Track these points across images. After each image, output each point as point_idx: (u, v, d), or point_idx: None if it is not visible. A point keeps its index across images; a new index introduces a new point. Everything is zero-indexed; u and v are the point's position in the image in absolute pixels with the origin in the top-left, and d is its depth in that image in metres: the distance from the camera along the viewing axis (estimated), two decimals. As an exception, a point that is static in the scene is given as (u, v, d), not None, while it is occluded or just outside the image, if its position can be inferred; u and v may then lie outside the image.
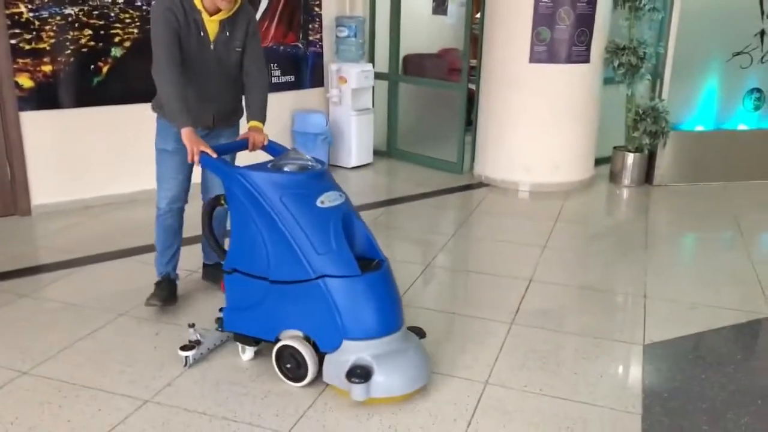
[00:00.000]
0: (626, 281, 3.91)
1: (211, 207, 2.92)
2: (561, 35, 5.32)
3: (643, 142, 5.66)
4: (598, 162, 6.01)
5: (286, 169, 2.71)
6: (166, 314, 3.32)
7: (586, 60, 5.46)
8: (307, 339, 2.68)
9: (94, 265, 3.96)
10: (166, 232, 3.30)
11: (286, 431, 2.45)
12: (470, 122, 6.20)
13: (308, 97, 6.15)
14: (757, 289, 3.76)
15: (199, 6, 2.90)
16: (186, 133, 2.82)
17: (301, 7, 5.90)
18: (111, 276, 3.83)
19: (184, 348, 2.83)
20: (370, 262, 2.69)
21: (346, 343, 2.54)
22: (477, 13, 8.66)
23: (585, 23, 5.35)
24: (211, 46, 2.99)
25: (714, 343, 3.24)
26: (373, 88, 6.31)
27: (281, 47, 5.81)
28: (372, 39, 6.49)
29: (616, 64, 5.55)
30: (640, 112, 5.63)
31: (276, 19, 5.70)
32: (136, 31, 4.88)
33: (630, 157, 5.78)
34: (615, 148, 5.92)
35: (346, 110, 6.13)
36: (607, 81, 5.78)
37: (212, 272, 3.58)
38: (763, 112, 6.14)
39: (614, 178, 5.93)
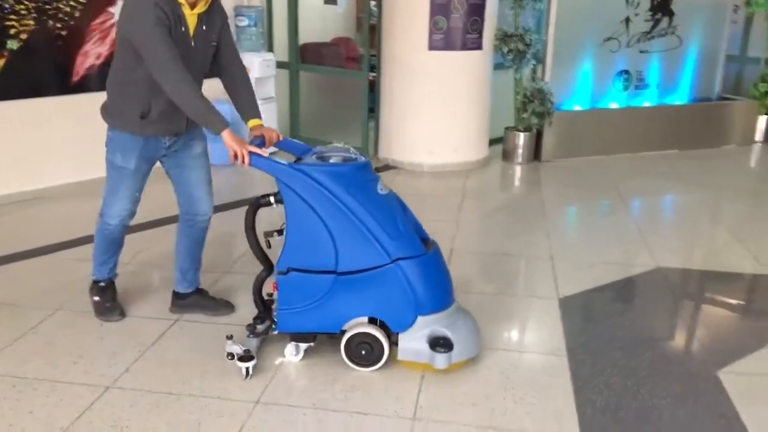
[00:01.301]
0: (533, 246, 4.31)
1: (255, 208, 2.81)
2: (456, 24, 5.67)
3: (531, 122, 6.16)
4: (492, 142, 6.46)
5: (332, 160, 2.78)
6: (105, 306, 3.33)
7: (479, 47, 5.86)
8: (373, 322, 2.77)
9: (15, 263, 3.84)
10: (113, 244, 3.11)
11: (257, 399, 2.59)
12: (372, 109, 6.44)
13: (212, 86, 6.11)
14: (643, 246, 4.29)
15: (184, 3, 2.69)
16: (228, 134, 2.61)
17: (200, -2, 5.87)
18: (35, 273, 3.73)
19: (242, 359, 2.69)
20: (423, 241, 2.84)
21: (421, 319, 2.70)
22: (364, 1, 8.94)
23: (477, 12, 5.74)
24: (192, 42, 2.76)
25: (616, 294, 3.70)
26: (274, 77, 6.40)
27: (182, 37, 5.75)
28: (269, 28, 6.57)
29: (505, 50, 5.99)
30: (528, 94, 6.12)
31: (176, 9, 5.64)
32: (32, 22, 4.68)
33: (520, 137, 6.27)
34: (506, 128, 6.39)
35: (250, 100, 6.17)
36: (497, 66, 6.22)
37: (195, 300, 3.27)
38: (630, 92, 6.86)
39: (507, 156, 6.40)
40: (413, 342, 2.71)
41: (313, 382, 2.73)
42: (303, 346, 2.86)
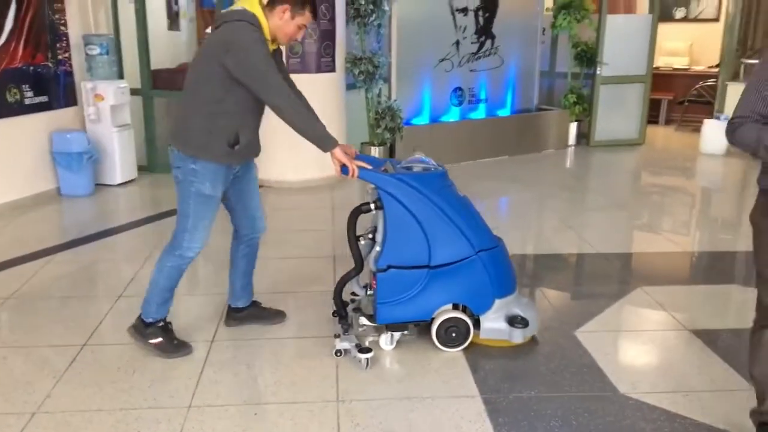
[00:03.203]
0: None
1: (357, 214, 3.11)
2: (311, 48, 6.06)
3: (384, 137, 6.69)
4: (349, 157, 6.89)
5: (415, 170, 3.14)
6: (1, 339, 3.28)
7: (333, 69, 6.29)
8: (456, 308, 3.17)
9: None
10: (179, 278, 3.11)
11: (188, 404, 2.75)
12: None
13: (64, 116, 5.98)
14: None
15: (267, 36, 2.86)
16: (340, 150, 2.84)
17: (47, 27, 5.73)
18: None
19: (362, 351, 3.00)
20: None
21: (498, 302, 3.17)
22: (207, 28, 9.04)
23: (328, 38, 6.17)
24: None
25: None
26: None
27: (31, 67, 5.58)
28: (119, 56, 6.52)
29: (356, 72, 6.48)
30: (380, 111, 6.65)
31: (23, 39, 5.47)
32: None
33: (375, 151, 6.78)
34: (362, 143, 6.88)
35: (106, 127, 6.11)
36: (349, 87, 6.69)
37: (252, 312, 3.45)
38: (464, 107, 7.66)
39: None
40: (494, 322, 3.18)
41: (237, 379, 2.95)
42: (397, 335, 3.19)
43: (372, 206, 3.07)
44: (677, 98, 10.26)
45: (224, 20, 2.83)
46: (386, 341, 3.19)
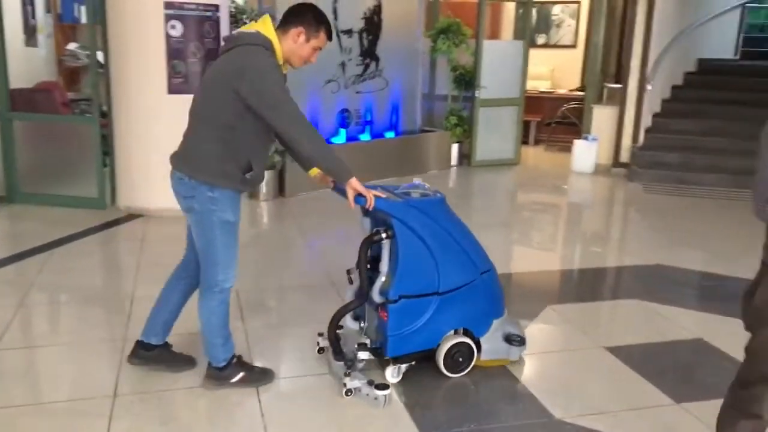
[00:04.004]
0: (309, 275, 4.58)
1: (369, 244, 2.97)
2: (195, 68, 5.71)
3: (274, 160, 6.44)
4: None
5: (414, 195, 3.10)
6: None
7: (218, 90, 5.96)
8: (456, 332, 3.13)
9: None
10: (228, 310, 2.95)
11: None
12: (106, 153, 6.08)
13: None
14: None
15: (280, 61, 2.77)
16: (356, 181, 2.75)
17: None
18: None
19: (379, 387, 2.87)
20: None
21: (495, 322, 3.20)
22: (66, 43, 8.36)
23: (213, 57, 5.82)
24: None
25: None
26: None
27: None
28: (-30, 73, 5.81)
29: (243, 93, 6.18)
30: (268, 134, 6.39)
31: None
32: None
33: (265, 174, 6.49)
34: (250, 167, 6.57)
35: (-43, 154, 5.38)
36: (234, 108, 6.37)
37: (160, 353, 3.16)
38: (352, 128, 7.58)
39: (252, 194, 6.58)
40: (493, 342, 3.20)
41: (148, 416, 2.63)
42: (404, 367, 3.06)
43: (383, 235, 2.93)
44: (545, 120, 10.84)
45: (237, 43, 2.72)
46: (392, 374, 3.04)
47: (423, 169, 8.22)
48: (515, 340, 3.24)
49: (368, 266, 3.03)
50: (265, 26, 2.75)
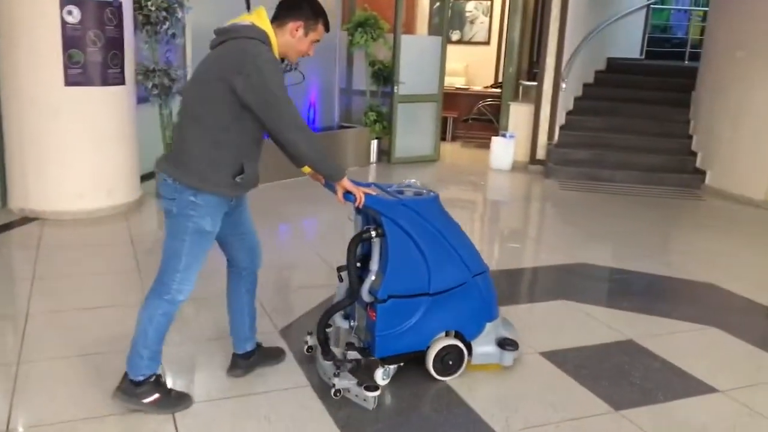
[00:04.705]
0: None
1: (358, 242, 2.89)
2: (94, 58, 5.25)
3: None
4: (144, 178, 6.13)
5: (407, 194, 3.00)
6: None
7: (122, 82, 5.52)
8: (447, 334, 3.06)
9: None
10: (169, 326, 2.72)
11: None
12: (-6, 153, 5.51)
13: None
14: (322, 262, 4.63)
15: (276, 54, 2.60)
16: (347, 180, 2.72)
17: None
18: None
19: (370, 389, 2.79)
20: None
21: (488, 325, 3.14)
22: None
23: (115, 46, 5.39)
24: None
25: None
26: None
27: None
28: None
29: (149, 85, 5.76)
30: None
31: None
32: None
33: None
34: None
35: None
36: (141, 101, 5.94)
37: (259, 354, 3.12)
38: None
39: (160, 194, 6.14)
40: (485, 346, 3.13)
41: None
42: (392, 369, 2.97)
43: (373, 233, 2.85)
44: (461, 116, 10.87)
45: (230, 36, 2.54)
46: (381, 376, 2.93)
47: (343, 165, 7.98)
48: (509, 344, 3.18)
49: (358, 264, 2.98)
50: (260, 18, 2.58)
